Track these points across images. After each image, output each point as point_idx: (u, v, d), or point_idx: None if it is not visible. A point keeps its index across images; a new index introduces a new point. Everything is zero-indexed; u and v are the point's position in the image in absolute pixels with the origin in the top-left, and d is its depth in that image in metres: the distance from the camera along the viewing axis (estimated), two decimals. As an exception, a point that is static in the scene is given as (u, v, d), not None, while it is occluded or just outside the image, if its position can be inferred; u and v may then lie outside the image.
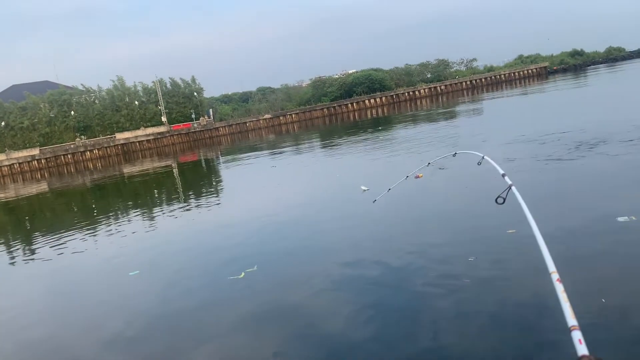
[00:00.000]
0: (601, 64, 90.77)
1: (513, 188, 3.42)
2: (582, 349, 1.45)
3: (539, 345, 4.28)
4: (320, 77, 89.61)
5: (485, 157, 4.73)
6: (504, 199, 3.48)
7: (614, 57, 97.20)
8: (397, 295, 5.76)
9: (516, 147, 14.29)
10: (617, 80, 44.21)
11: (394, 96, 78.38)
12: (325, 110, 76.01)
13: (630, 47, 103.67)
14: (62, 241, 12.47)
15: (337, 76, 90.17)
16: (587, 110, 22.50)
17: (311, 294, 6.21)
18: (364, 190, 11.44)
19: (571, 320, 1.72)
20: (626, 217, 6.54)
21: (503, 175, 3.78)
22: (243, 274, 7.20)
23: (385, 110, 61.67)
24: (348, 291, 6.11)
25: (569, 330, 1.68)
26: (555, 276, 2.02)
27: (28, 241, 13.83)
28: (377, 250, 7.39)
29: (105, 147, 66.35)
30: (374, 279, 6.30)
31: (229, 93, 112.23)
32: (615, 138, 12.47)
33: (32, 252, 12.02)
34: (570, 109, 25.10)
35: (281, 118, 74.88)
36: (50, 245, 12.17)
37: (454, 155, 6.22)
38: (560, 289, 1.93)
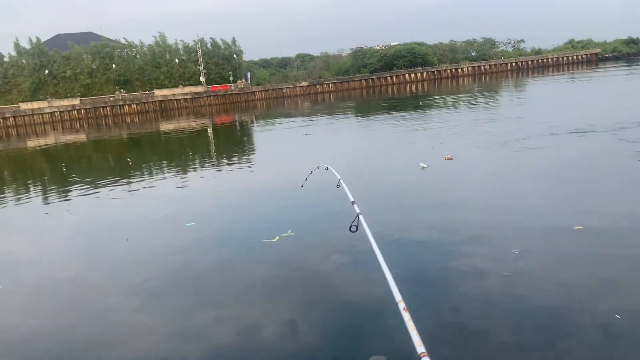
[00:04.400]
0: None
1: (360, 217, 3.28)
2: None
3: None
4: (361, 47, 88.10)
5: (341, 180, 4.68)
6: (357, 227, 3.35)
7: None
8: (426, 269, 5.59)
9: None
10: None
11: (436, 72, 76.62)
12: (363, 81, 74.90)
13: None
14: (102, 190, 12.60)
15: (378, 47, 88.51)
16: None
17: (339, 263, 6.12)
18: (423, 167, 11.02)
19: (419, 347, 1.70)
20: None
21: (352, 203, 3.60)
22: (277, 237, 7.08)
23: (426, 86, 60.39)
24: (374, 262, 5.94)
25: (418, 358, 1.65)
26: (402, 305, 2.00)
27: (71, 187, 14.03)
28: (413, 224, 7.18)
29: (144, 103, 67.10)
30: (406, 251, 6.13)
31: (268, 58, 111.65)
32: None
33: (70, 197, 12.19)
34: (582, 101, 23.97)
35: (318, 87, 74.20)
36: (88, 193, 12.32)
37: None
38: (407, 317, 1.92)
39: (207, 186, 12.31)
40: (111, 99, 67.29)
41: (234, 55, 77.94)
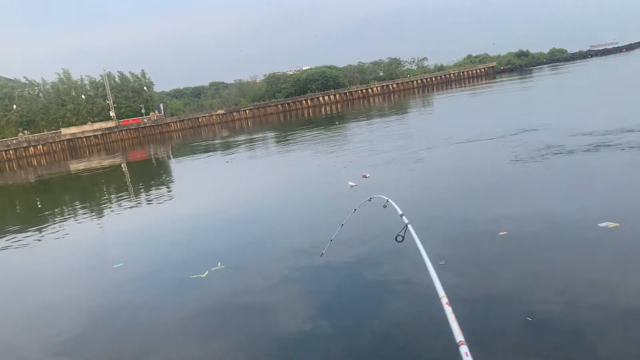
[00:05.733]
0: (545, 64, 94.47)
1: (409, 226, 3.54)
2: None
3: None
4: (274, 73, 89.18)
5: (389, 200, 4.94)
6: (403, 237, 3.59)
7: (557, 58, 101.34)
8: (355, 290, 5.88)
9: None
10: (560, 82, 46.11)
11: (348, 93, 79.00)
12: (279, 106, 75.78)
13: (571, 49, 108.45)
14: (14, 239, 11.96)
15: (291, 72, 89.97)
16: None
17: (272, 292, 6.22)
18: (352, 186, 11.44)
19: (458, 336, 1.81)
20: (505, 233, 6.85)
21: (401, 215, 3.89)
22: (207, 272, 7.13)
23: (339, 107, 62.08)
24: (309, 286, 6.18)
25: (457, 346, 1.76)
26: (444, 300, 2.17)
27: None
28: (337, 245, 7.49)
29: (51, 143, 63.80)
30: (333, 273, 6.41)
31: (181, 88, 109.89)
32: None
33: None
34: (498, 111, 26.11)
35: (235, 114, 74.13)
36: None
37: (370, 200, 6.55)
38: (449, 310, 2.07)
39: (131, 225, 12.04)
40: (14, 141, 63.39)
41: (145, 88, 76.24)
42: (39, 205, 18.91)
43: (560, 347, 4.16)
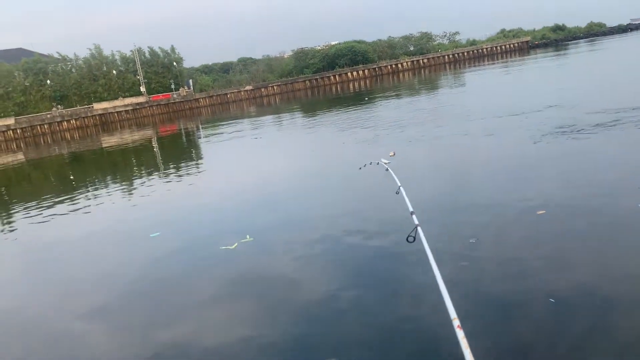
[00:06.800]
0: (582, 39, 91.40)
1: (419, 228, 3.28)
2: None
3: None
4: (302, 48, 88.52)
5: (401, 187, 4.65)
6: (414, 238, 3.33)
7: (594, 32, 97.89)
8: (379, 266, 5.84)
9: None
10: (596, 59, 44.54)
11: (377, 69, 78.08)
12: (307, 82, 75.45)
13: (610, 22, 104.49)
14: (67, 208, 12.31)
15: (319, 48, 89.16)
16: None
17: (299, 264, 6.26)
18: (391, 155, 11.40)
19: None
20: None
21: (412, 214, 3.60)
22: (236, 244, 7.22)
23: (368, 83, 61.44)
24: (335, 262, 6.19)
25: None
26: (456, 322, 1.96)
27: (28, 208, 13.59)
28: (364, 221, 7.47)
29: (83, 117, 65.07)
30: (359, 249, 6.40)
31: (209, 63, 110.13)
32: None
33: (32, 217, 11.85)
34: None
35: (263, 90, 74.15)
36: (31, 216, 12.01)
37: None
38: (460, 335, 1.85)
39: (165, 197, 12.22)
40: (48, 116, 64.87)
41: (174, 63, 76.74)
42: (73, 178, 19.37)
43: (588, 330, 4.07)
